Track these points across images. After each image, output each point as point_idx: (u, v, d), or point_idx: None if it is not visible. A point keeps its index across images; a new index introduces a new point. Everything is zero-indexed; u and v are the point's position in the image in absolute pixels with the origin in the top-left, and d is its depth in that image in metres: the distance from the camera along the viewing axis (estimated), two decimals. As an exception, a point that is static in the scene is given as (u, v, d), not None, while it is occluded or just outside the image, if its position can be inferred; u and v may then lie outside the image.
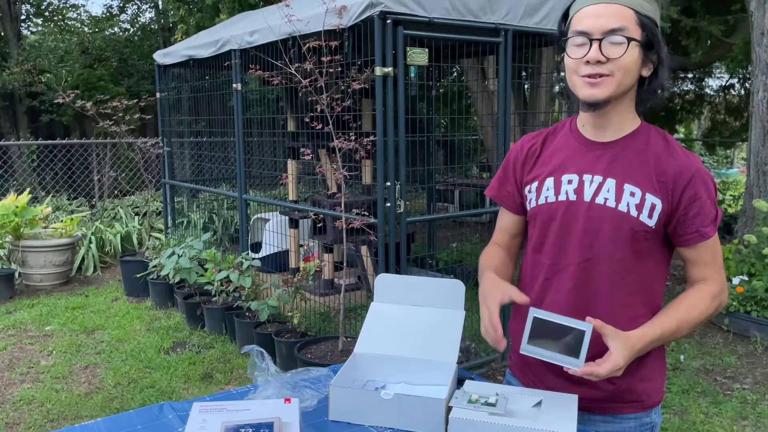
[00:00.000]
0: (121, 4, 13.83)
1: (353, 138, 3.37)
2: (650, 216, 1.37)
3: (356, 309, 4.98)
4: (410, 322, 1.70)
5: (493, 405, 1.36)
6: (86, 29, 13.01)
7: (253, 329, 4.22)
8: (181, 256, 4.97)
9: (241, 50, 4.69)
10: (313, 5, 3.96)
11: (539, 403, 1.39)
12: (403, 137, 3.35)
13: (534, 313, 1.35)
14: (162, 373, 4.02)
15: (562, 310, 1.39)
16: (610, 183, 1.40)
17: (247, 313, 4.43)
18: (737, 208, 8.59)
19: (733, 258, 5.10)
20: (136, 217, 7.87)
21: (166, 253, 5.22)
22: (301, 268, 4.15)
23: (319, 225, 5.11)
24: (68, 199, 8.93)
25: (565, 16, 1.44)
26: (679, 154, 1.39)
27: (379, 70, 3.30)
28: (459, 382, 1.55)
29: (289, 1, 3.66)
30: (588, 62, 1.32)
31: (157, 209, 7.91)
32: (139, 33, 13.56)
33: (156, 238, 6.60)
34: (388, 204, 3.39)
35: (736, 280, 4.85)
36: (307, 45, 3.30)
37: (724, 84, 11.78)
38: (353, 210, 3.52)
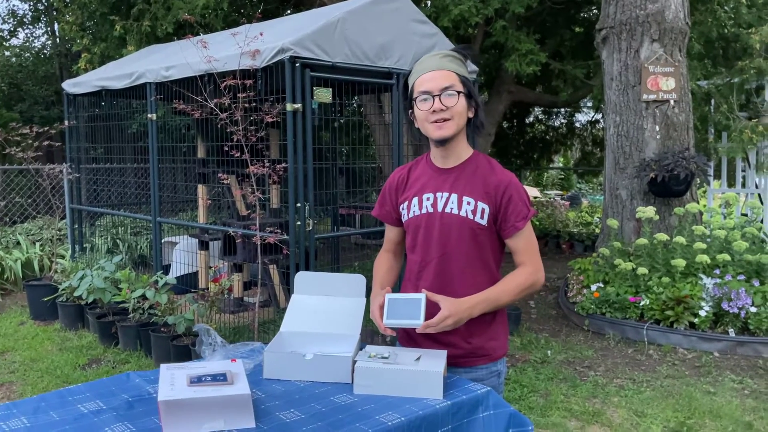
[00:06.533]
0: (12, 29, 13.46)
1: (267, 165, 3.84)
2: (482, 217, 1.97)
3: (266, 324, 5.36)
4: (323, 307, 2.19)
5: (386, 358, 1.88)
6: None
7: (169, 342, 4.52)
8: (94, 277, 5.17)
9: (156, 84, 5.03)
10: (228, 44, 4.41)
11: (419, 358, 1.92)
12: (311, 164, 3.85)
13: (388, 296, 1.93)
14: (81, 387, 4.23)
15: (430, 290, 1.93)
16: (454, 197, 1.99)
17: (162, 328, 4.71)
18: (603, 229, 9.72)
19: (592, 268, 5.97)
20: (37, 244, 7.81)
21: (77, 276, 5.39)
22: (211, 286, 4.52)
23: (234, 243, 5.47)
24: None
25: (405, 86, 2.06)
26: (498, 171, 2.00)
27: (289, 106, 3.81)
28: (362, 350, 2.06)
29: (206, 41, 4.10)
30: (434, 111, 1.92)
31: (55, 236, 7.89)
32: (32, 59, 13.25)
33: (60, 263, 6.65)
34: (299, 223, 3.88)
35: (594, 287, 5.70)
36: (225, 83, 3.75)
37: (590, 119, 13.29)
38: (267, 229, 3.97)
